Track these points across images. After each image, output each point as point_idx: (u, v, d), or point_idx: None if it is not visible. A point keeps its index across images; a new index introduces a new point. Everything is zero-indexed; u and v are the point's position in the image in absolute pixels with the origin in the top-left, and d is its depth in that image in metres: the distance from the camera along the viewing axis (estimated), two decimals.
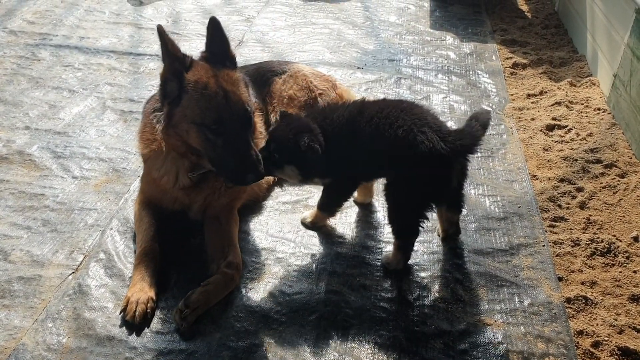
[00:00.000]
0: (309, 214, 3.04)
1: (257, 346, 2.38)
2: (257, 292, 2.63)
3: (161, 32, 2.44)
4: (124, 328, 2.44)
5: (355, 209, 3.15)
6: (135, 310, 2.43)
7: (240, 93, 2.54)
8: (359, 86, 4.37)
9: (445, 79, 4.53)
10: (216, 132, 2.46)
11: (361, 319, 2.51)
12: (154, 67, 4.57)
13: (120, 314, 2.48)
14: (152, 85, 4.28)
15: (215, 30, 2.58)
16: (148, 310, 2.46)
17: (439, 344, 2.41)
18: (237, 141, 2.48)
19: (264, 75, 3.47)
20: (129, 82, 4.39)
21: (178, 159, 2.70)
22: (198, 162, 2.68)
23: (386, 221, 3.04)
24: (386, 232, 2.99)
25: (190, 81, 2.47)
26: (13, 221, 3.00)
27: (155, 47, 4.87)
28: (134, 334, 2.42)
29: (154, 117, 2.67)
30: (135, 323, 2.42)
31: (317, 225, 3.02)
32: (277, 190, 3.28)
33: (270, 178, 3.24)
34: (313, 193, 3.25)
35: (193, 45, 4.90)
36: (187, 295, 2.47)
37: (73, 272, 2.72)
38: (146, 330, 2.44)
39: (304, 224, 3.04)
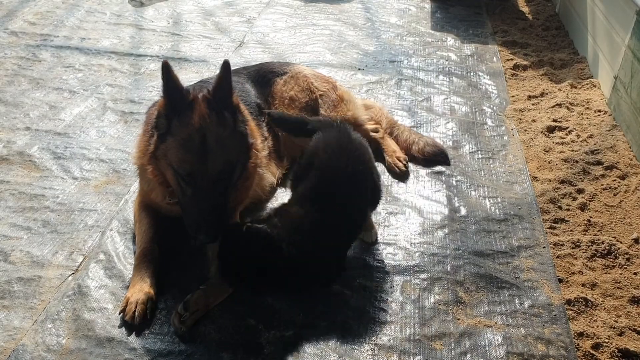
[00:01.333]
0: None
1: (256, 347, 2.37)
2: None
3: (166, 67, 2.42)
4: (124, 329, 2.44)
5: None
6: (135, 311, 2.43)
7: (223, 152, 2.48)
8: (359, 87, 4.37)
9: (446, 80, 4.52)
10: (187, 183, 2.46)
11: (361, 320, 2.51)
12: (155, 68, 4.57)
13: (119, 314, 2.48)
14: (152, 87, 4.28)
15: (224, 74, 2.53)
16: (148, 311, 2.46)
17: (439, 346, 2.41)
18: (204, 199, 2.45)
19: (265, 76, 3.47)
20: (129, 83, 4.39)
21: (163, 190, 2.70)
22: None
23: (386, 223, 3.05)
24: (387, 234, 2.99)
25: (177, 126, 2.45)
26: (13, 222, 3.00)
27: (156, 48, 4.87)
28: (133, 335, 2.41)
29: (152, 132, 2.65)
30: (134, 324, 2.42)
31: None
32: (280, 191, 3.28)
33: (274, 179, 3.23)
34: None
35: (193, 47, 4.90)
36: (186, 298, 2.46)
37: (73, 273, 2.72)
38: (146, 331, 2.43)
39: None
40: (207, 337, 2.41)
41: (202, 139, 2.43)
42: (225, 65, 2.52)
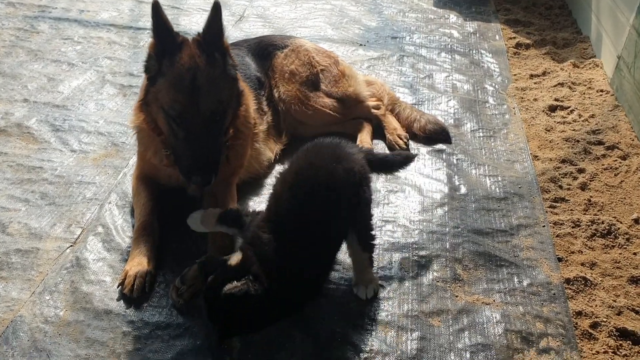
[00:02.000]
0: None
1: None
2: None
3: (156, 7, 2.39)
4: (122, 301, 2.44)
5: None
6: (134, 283, 2.43)
7: (214, 91, 2.46)
8: (360, 63, 4.33)
9: (448, 58, 4.48)
10: (179, 124, 2.44)
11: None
12: None
13: (118, 287, 2.47)
14: None
15: (214, 16, 2.49)
16: (146, 284, 2.45)
17: (437, 322, 2.41)
18: (196, 140, 2.43)
19: (265, 50, 3.43)
20: (128, 56, 4.34)
21: (158, 140, 2.66)
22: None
23: (385, 201, 3.04)
24: (386, 212, 2.98)
25: (167, 67, 2.42)
26: (11, 194, 2.99)
27: None
28: (131, 308, 2.41)
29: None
30: (133, 297, 2.42)
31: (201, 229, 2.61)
32: (278, 167, 3.26)
33: (272, 155, 3.22)
34: None
35: (193, 20, 4.85)
36: (184, 272, 2.46)
37: (71, 246, 2.71)
38: (144, 304, 2.43)
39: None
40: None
41: (193, 78, 2.41)
42: (216, 6, 2.48)
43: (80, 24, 4.77)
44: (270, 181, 3.15)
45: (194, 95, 2.41)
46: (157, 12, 2.41)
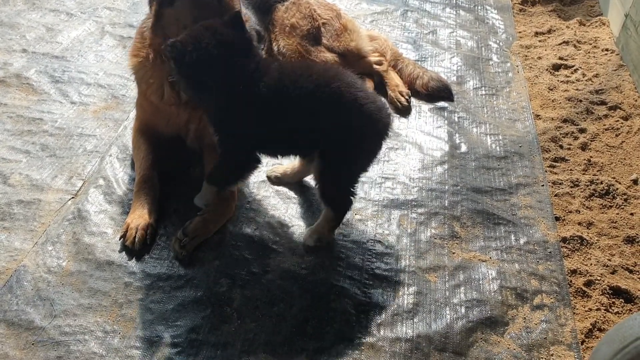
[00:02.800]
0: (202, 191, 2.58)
1: (254, 274, 2.41)
2: (256, 223, 2.65)
3: None
4: (124, 253, 2.47)
5: None
6: (135, 236, 2.45)
7: (234, 4, 2.47)
8: (364, 17, 4.26)
9: (452, 13, 4.41)
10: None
11: (357, 252, 2.54)
12: None
13: (119, 239, 2.50)
14: None
15: None
16: (147, 237, 2.48)
17: (434, 278, 2.45)
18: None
19: (266, 2, 3.37)
20: (128, 7, 4.27)
21: (164, 69, 2.62)
22: None
23: (386, 158, 3.04)
24: (386, 169, 2.99)
25: None
26: (12, 145, 2.99)
27: None
28: (133, 260, 2.45)
29: (144, 25, 2.63)
30: (134, 249, 2.45)
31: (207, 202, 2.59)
32: None
33: None
34: None
35: None
36: (186, 224, 2.49)
37: (72, 197, 2.73)
38: (145, 256, 2.47)
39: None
40: (206, 264, 2.45)
41: None
42: None
43: None
44: None
45: (220, 11, 2.40)
46: None
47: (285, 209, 2.72)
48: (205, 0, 2.39)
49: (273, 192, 2.82)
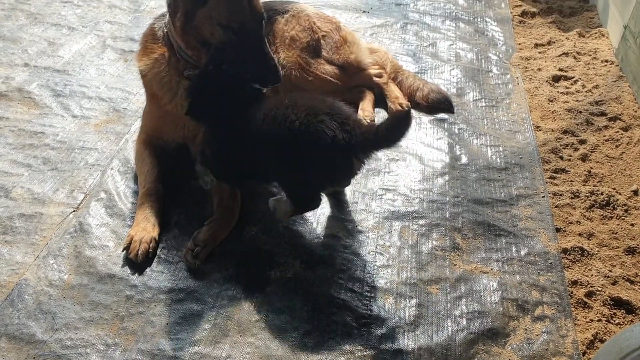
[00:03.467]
0: None
1: (256, 287, 2.41)
2: (258, 233, 2.65)
3: None
4: (125, 266, 2.48)
5: None
6: (139, 249, 2.46)
7: None
8: (364, 31, 4.29)
9: (452, 26, 4.44)
10: (240, 34, 2.46)
11: (359, 264, 2.54)
12: (155, 6, 4.47)
13: (122, 251, 2.51)
14: None
15: None
16: (150, 250, 2.49)
17: (435, 290, 2.45)
18: (259, 45, 2.51)
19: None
20: (129, 21, 4.30)
21: (177, 69, 2.66)
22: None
23: (386, 169, 3.05)
24: (387, 180, 2.99)
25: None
26: (13, 158, 3.00)
27: None
28: (135, 272, 2.45)
29: (156, 25, 2.67)
30: (137, 261, 2.46)
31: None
32: None
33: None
34: None
35: None
36: (194, 234, 2.50)
37: (74, 211, 2.74)
38: (147, 269, 2.47)
39: None
40: (208, 276, 2.45)
41: None
42: None
43: None
44: None
45: (248, 4, 2.45)
46: None
47: (285, 221, 2.73)
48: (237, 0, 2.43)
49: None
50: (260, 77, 2.55)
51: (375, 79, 3.52)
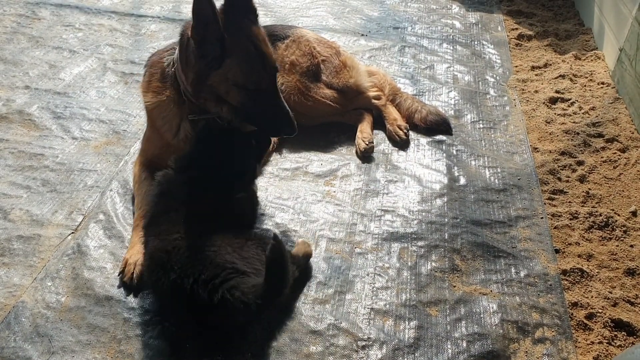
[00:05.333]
0: None
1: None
2: None
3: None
4: (122, 289, 2.46)
5: (355, 177, 3.15)
6: (133, 271, 2.45)
7: (271, 52, 2.57)
8: (362, 54, 4.32)
9: (449, 49, 4.48)
10: (256, 92, 2.50)
11: (358, 286, 2.53)
12: (156, 29, 4.51)
13: (118, 275, 2.50)
14: (153, 48, 4.22)
15: None
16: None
17: (435, 312, 2.44)
18: (274, 100, 2.56)
19: None
20: (130, 44, 4.34)
21: (182, 110, 2.68)
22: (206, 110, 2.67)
23: (385, 191, 3.05)
24: (386, 202, 3.00)
25: (233, 45, 2.43)
26: (13, 180, 3.00)
27: (157, 8, 4.81)
28: (132, 295, 2.44)
29: (165, 59, 2.69)
30: (132, 285, 2.44)
31: None
32: (276, 156, 3.27)
33: (271, 144, 3.22)
34: (312, 160, 3.24)
35: None
36: None
37: (72, 233, 2.73)
38: (144, 291, 2.45)
39: None
40: None
41: (255, 46, 2.49)
42: None
43: (82, 10, 4.76)
44: (270, 169, 3.17)
45: (263, 62, 2.50)
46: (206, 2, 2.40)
47: (284, 242, 2.71)
48: (252, 56, 2.46)
49: (272, 225, 2.82)
50: (276, 130, 2.67)
51: (373, 101, 3.54)
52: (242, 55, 2.44)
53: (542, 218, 2.92)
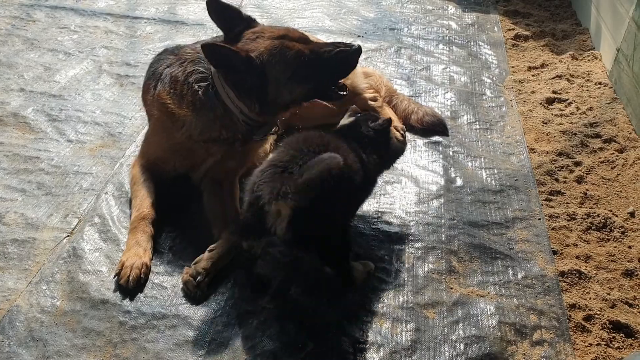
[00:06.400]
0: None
1: (250, 313, 2.39)
2: (254, 261, 2.63)
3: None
4: (118, 292, 2.45)
5: None
6: (129, 275, 2.43)
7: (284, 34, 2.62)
8: None
9: (446, 50, 4.47)
10: (309, 74, 2.60)
11: (355, 288, 2.52)
12: (151, 31, 4.50)
13: (114, 278, 2.48)
14: (149, 50, 4.22)
15: (217, 8, 2.62)
16: (142, 276, 2.46)
17: (432, 314, 2.42)
18: (323, 61, 2.63)
19: None
20: (125, 46, 4.32)
21: (232, 132, 2.71)
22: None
23: (382, 192, 3.04)
24: (382, 203, 2.98)
25: (269, 69, 2.51)
26: (7, 184, 2.99)
27: (153, 10, 4.78)
28: (128, 298, 2.42)
29: (175, 72, 2.68)
30: (129, 287, 2.43)
31: None
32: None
33: (267, 146, 3.21)
34: None
35: (190, 9, 4.81)
36: (195, 262, 2.47)
37: (67, 236, 2.71)
38: (140, 294, 2.44)
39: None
40: (203, 302, 2.42)
41: (282, 51, 2.57)
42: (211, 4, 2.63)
43: (77, 12, 4.74)
44: None
45: (294, 52, 2.57)
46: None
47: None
48: (291, 62, 2.56)
49: None
50: (347, 67, 2.79)
51: (370, 102, 3.52)
52: (282, 69, 2.53)
53: (539, 219, 2.91)
